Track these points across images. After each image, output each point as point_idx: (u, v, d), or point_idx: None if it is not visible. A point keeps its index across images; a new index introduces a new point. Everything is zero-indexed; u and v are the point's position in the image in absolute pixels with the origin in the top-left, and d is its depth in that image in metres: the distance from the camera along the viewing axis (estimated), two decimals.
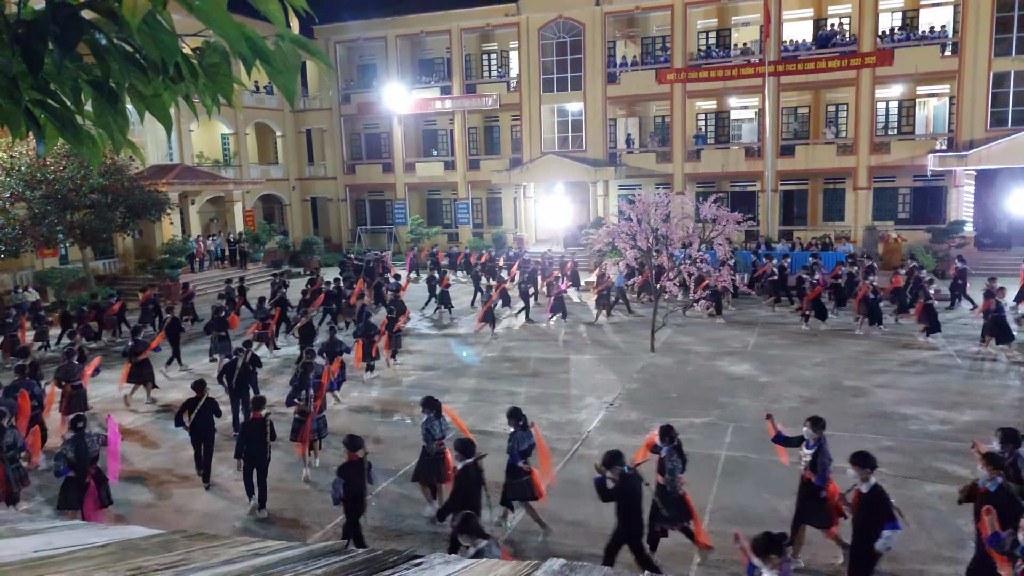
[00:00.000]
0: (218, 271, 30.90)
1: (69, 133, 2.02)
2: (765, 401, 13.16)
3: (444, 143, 38.40)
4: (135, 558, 2.45)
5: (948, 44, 28.38)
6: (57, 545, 2.53)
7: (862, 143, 29.44)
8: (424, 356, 17.40)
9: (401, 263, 32.55)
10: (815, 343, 17.39)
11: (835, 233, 29.93)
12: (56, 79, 1.92)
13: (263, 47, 1.91)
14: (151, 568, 2.29)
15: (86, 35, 1.76)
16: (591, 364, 16.27)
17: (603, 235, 17.65)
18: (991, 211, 28.57)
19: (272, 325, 17.97)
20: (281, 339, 18.77)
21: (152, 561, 2.41)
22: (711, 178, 32.36)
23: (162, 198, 26.61)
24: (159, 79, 1.93)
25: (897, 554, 7.53)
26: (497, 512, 8.77)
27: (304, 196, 39.33)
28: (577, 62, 33.01)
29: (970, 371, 14.77)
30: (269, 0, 1.79)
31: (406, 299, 20.22)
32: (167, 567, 2.33)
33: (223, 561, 2.51)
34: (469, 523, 5.88)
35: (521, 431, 8.74)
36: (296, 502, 9.78)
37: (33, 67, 1.71)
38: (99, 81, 1.95)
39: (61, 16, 1.70)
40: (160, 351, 15.89)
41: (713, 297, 19.94)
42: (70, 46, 1.69)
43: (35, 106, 1.99)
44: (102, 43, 1.81)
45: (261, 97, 36.25)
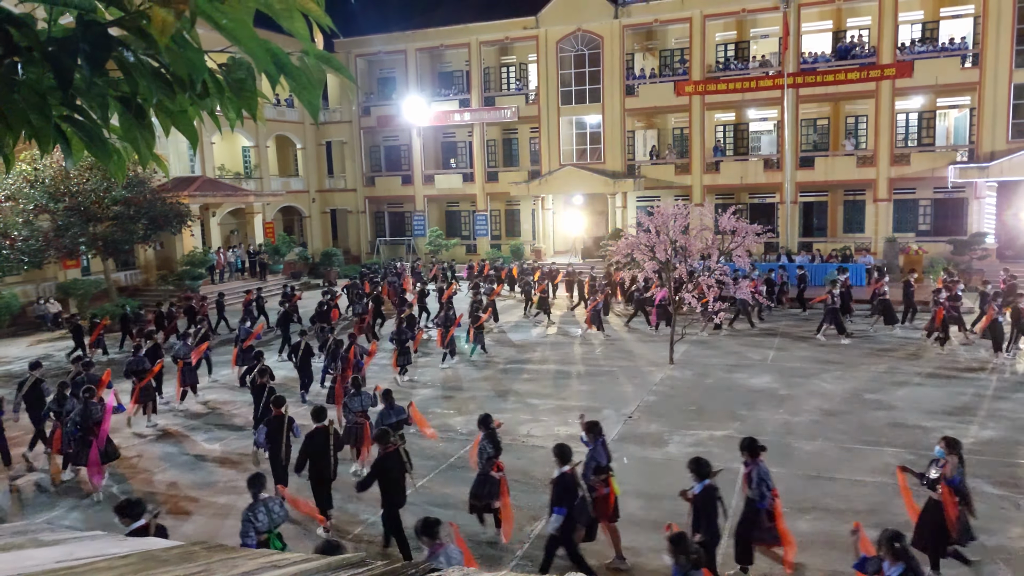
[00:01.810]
0: (238, 282, 31.20)
1: (96, 147, 2.06)
2: (785, 414, 13.01)
3: (463, 155, 38.62)
4: (155, 569, 2.46)
5: (968, 55, 28.12)
6: (78, 556, 2.55)
7: (882, 155, 29.19)
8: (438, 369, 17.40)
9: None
10: (837, 356, 17.19)
11: (855, 245, 29.64)
12: (85, 95, 1.95)
13: (288, 63, 1.94)
14: None
15: (115, 52, 1.80)
16: (610, 376, 16.19)
17: (622, 246, 17.61)
18: (1013, 223, 28.14)
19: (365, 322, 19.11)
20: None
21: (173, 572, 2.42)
22: (730, 190, 32.22)
23: (183, 210, 26.94)
24: (185, 95, 1.96)
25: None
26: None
27: (324, 208, 39.69)
28: (595, 74, 33.10)
29: (997, 384, 14.51)
30: (295, 18, 1.81)
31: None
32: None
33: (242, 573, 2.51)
34: (429, 527, 6.10)
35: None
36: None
37: (63, 83, 1.74)
38: (126, 97, 1.99)
39: (91, 34, 1.73)
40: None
41: (743, 309, 19.65)
42: (99, 63, 1.72)
43: (63, 121, 2.03)
44: (130, 60, 1.85)
45: (282, 110, 36.73)
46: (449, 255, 35.48)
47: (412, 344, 16.74)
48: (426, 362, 17.92)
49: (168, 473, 11.48)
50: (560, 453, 7.65)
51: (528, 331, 21.37)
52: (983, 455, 10.69)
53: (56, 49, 1.76)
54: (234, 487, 10.50)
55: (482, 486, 8.73)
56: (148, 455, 12.40)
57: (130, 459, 12.12)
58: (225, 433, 13.37)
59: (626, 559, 8.09)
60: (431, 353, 18.59)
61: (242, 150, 37.09)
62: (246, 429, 13.10)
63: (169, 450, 12.62)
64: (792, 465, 10.60)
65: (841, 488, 9.90)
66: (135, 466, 11.88)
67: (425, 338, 19.78)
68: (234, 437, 13.06)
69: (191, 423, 14.09)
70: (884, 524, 8.60)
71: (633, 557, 8.22)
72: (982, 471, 10.17)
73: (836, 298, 18.71)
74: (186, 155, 32.90)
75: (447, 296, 20.12)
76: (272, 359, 17.46)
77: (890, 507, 9.06)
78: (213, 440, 12.97)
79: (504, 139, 38.03)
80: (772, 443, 11.52)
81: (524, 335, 20.83)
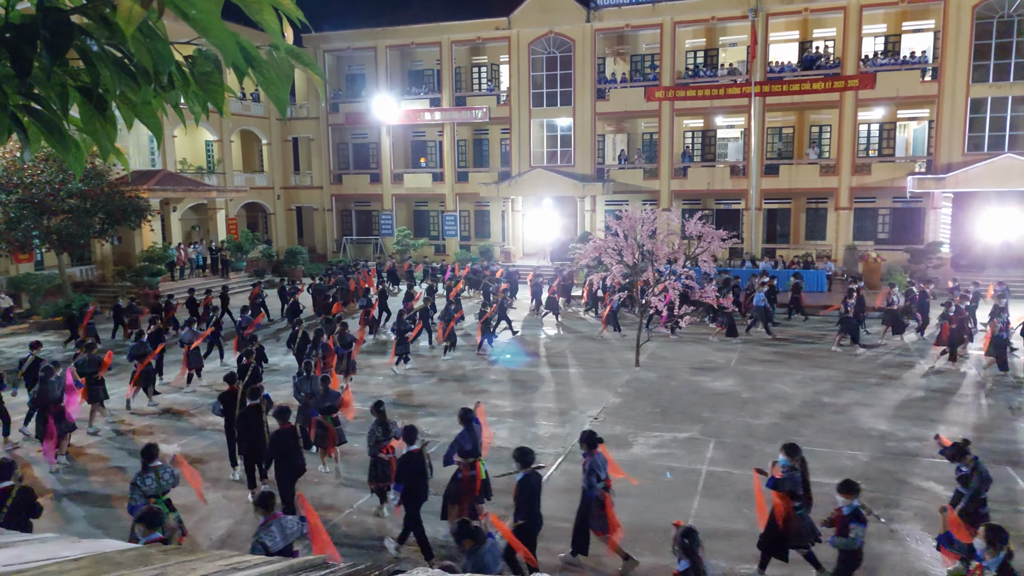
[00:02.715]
0: (199, 279, 30.61)
1: (55, 138, 2.00)
2: (747, 416, 13.22)
3: (432, 155, 38.46)
4: (110, 572, 2.40)
5: (928, 69, 28.95)
6: (29, 559, 2.47)
7: (844, 164, 29.87)
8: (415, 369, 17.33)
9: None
10: (797, 360, 17.52)
11: (816, 252, 30.26)
12: (44, 84, 1.89)
13: (257, 57, 1.90)
14: None
15: (76, 41, 1.74)
16: (576, 378, 16.27)
17: (590, 250, 17.72)
18: (967, 233, 29.03)
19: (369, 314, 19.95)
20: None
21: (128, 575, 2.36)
22: (697, 195, 32.64)
23: (143, 204, 26.33)
24: (149, 86, 1.91)
25: (872, 567, 7.57)
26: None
27: (289, 205, 39.14)
28: (567, 77, 33.26)
29: (948, 389, 14.94)
30: (265, 10, 1.78)
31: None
32: None
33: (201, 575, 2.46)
34: (263, 499, 6.54)
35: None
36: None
37: (21, 72, 1.68)
38: (88, 87, 1.93)
39: (51, 21, 1.68)
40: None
41: (727, 319, 19.56)
42: (60, 52, 1.67)
43: (20, 110, 1.96)
44: (93, 49, 1.79)
45: (247, 104, 36.14)
46: (418, 254, 35.31)
47: (409, 335, 17.16)
48: (381, 362, 17.77)
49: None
50: (407, 435, 8.46)
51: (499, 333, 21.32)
52: (935, 457, 10.98)
53: (14, 36, 1.70)
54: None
55: (375, 468, 9.34)
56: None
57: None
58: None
59: (630, 555, 8.05)
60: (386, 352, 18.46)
61: (205, 144, 36.39)
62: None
63: (182, 425, 13.60)
64: (751, 467, 10.75)
65: None
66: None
67: (383, 339, 20.18)
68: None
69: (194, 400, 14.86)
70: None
71: (595, 549, 8.27)
72: (933, 473, 10.47)
73: (850, 308, 18.20)
74: (146, 148, 32.20)
75: (455, 293, 22.14)
76: (280, 351, 18.48)
77: None
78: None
79: (475, 139, 37.97)
80: (733, 445, 11.74)
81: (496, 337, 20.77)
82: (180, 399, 15.26)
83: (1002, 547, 5.54)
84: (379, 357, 18.35)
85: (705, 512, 9.41)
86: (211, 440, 12.57)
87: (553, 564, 8.19)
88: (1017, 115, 27.74)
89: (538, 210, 34.36)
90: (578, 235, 31.86)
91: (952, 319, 16.31)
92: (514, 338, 20.50)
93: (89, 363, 12.84)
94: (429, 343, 19.35)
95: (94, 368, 12.87)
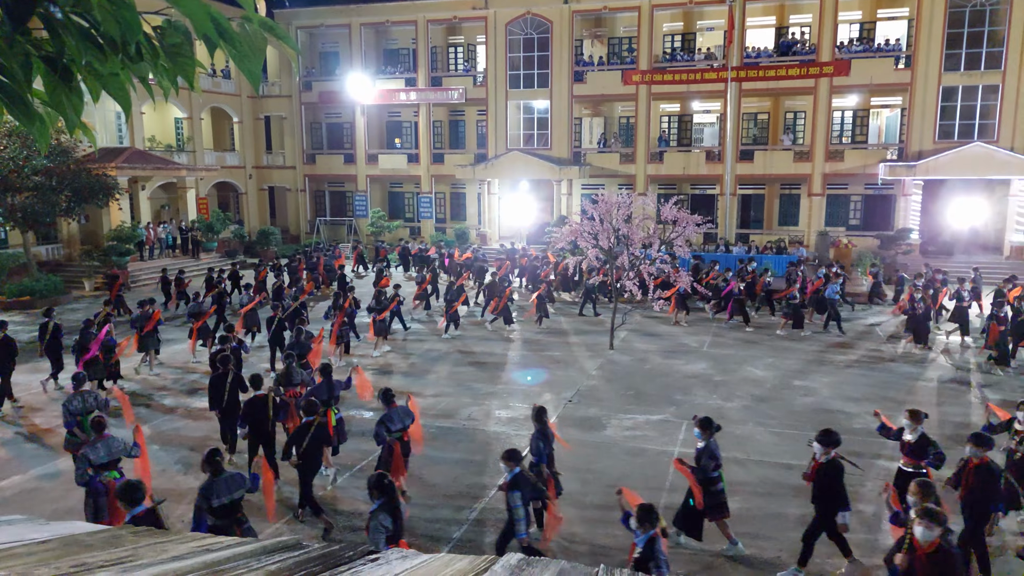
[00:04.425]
0: (169, 260, 30.10)
1: (19, 111, 1.93)
2: (719, 399, 13.41)
3: (408, 135, 38.08)
4: (79, 554, 2.36)
5: (902, 57, 29.28)
6: None
7: (818, 150, 30.19)
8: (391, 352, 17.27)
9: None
10: (768, 344, 17.78)
11: (789, 237, 30.64)
12: (5, 54, 1.82)
13: (229, 29, 1.85)
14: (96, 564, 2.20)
15: (40, 8, 1.68)
16: (551, 361, 16.35)
17: (566, 234, 17.74)
18: (936, 220, 29.60)
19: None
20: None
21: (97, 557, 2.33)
22: (673, 180, 32.79)
23: (110, 182, 25.77)
24: (116, 57, 1.85)
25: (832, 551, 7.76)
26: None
27: (261, 185, 38.56)
28: (544, 59, 33.07)
29: (914, 372, 15.29)
30: None
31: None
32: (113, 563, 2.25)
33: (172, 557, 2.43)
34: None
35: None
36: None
37: None
38: (52, 57, 1.86)
39: None
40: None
41: (737, 306, 19.32)
42: (22, 19, 1.61)
43: None
44: (57, 16, 1.73)
45: (218, 81, 35.40)
46: (393, 236, 35.06)
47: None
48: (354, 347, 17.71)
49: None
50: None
51: (474, 316, 21.32)
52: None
53: None
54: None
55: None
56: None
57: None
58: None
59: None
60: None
61: (175, 121, 35.62)
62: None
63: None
64: (723, 448, 10.92)
65: (769, 471, 10.28)
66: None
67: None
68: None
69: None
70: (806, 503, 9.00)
71: (567, 527, 8.37)
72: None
73: (917, 303, 17.26)
74: (113, 125, 31.42)
75: (462, 280, 21.93)
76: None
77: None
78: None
79: (451, 121, 37.67)
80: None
81: (469, 321, 20.77)
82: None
83: (931, 500, 5.93)
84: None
85: (677, 493, 9.55)
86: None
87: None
88: (987, 104, 28.21)
89: (515, 193, 34.28)
90: (554, 219, 31.87)
91: (916, 305, 16.93)
92: (486, 322, 20.52)
93: (140, 319, 15.28)
94: (404, 327, 19.28)
95: (144, 323, 15.19)
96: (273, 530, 8.46)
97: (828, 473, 7.37)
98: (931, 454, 7.96)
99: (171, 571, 2.23)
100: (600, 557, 7.98)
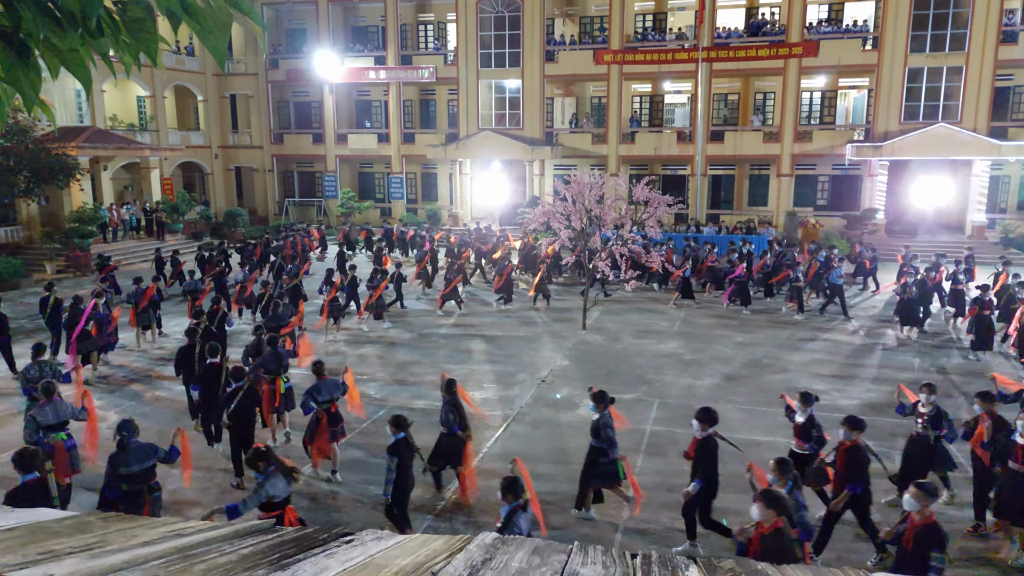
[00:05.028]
0: (133, 242, 29.48)
1: None
2: (689, 378, 13.61)
3: (378, 115, 37.58)
4: (46, 541, 2.32)
5: (869, 38, 29.61)
6: None
7: (787, 131, 30.50)
8: (357, 331, 17.18)
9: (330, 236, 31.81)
10: (737, 323, 18.05)
11: (759, 217, 31.00)
12: None
13: (193, 4, 1.80)
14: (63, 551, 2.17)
15: None
16: (525, 341, 16.41)
17: (538, 214, 17.72)
18: (901, 200, 30.17)
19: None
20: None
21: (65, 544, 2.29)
22: (644, 161, 32.89)
23: (71, 163, 25.08)
24: (76, 33, 1.79)
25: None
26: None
27: (227, 165, 37.81)
28: (516, 38, 32.78)
29: (879, 350, 15.66)
30: None
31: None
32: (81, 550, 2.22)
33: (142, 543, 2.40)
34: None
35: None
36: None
37: None
38: (7, 32, 1.79)
39: None
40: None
41: (740, 290, 19.11)
42: None
43: None
44: None
45: (181, 59, 34.47)
46: (362, 218, 34.72)
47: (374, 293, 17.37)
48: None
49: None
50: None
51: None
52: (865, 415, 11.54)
53: None
54: None
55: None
56: None
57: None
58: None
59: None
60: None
61: (137, 100, 34.70)
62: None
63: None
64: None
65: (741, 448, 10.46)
66: None
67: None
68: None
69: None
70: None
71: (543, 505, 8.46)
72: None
73: (909, 288, 16.40)
74: (73, 103, 30.51)
75: (466, 256, 22.74)
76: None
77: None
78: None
79: (421, 100, 37.25)
80: (676, 405, 12.07)
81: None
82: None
83: (788, 477, 6.32)
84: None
85: (648, 469, 9.71)
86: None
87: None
88: (951, 85, 28.70)
89: (487, 173, 34.11)
90: (527, 199, 31.82)
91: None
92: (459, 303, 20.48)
93: (135, 295, 15.81)
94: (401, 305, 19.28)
95: (139, 299, 15.71)
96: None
97: (703, 449, 7.62)
98: (814, 436, 8.24)
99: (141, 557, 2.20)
100: (575, 535, 8.09)
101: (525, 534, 5.82)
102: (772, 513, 5.47)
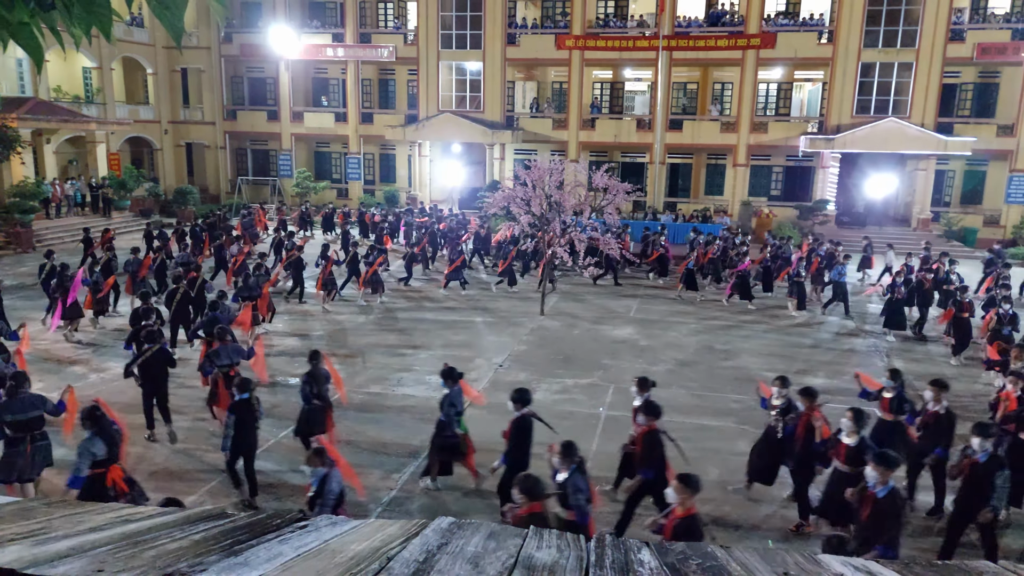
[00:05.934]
0: (78, 218, 28.46)
1: None
2: (644, 363, 13.81)
3: (335, 93, 36.85)
4: None
5: (824, 32, 30.19)
6: None
7: (743, 122, 30.97)
8: (310, 319, 16.94)
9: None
10: (692, 310, 18.37)
11: (714, 206, 31.51)
12: None
13: None
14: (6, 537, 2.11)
15: None
16: (483, 326, 16.42)
17: (498, 199, 17.69)
18: (851, 192, 31.00)
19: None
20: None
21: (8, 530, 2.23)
22: (604, 147, 33.04)
23: (11, 134, 24.07)
24: (26, 5, 1.71)
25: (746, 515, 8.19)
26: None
27: (178, 141, 36.67)
28: (477, 20, 32.46)
29: (833, 338, 16.13)
30: None
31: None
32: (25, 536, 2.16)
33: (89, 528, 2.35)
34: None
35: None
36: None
37: None
38: None
39: None
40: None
41: (741, 284, 18.66)
42: None
43: None
44: None
45: (130, 30, 33.16)
46: (318, 199, 34.13)
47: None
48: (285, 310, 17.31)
49: None
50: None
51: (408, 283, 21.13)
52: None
53: None
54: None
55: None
56: None
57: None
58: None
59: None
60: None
61: (82, 71, 33.32)
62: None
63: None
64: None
65: (690, 432, 10.70)
66: None
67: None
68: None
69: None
70: (726, 463, 9.45)
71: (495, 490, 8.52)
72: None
73: (898, 288, 15.97)
74: (14, 73, 29.19)
75: (466, 238, 23.26)
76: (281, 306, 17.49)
77: (733, 448, 9.94)
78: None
79: (380, 79, 36.66)
80: (631, 390, 12.23)
81: (403, 286, 20.58)
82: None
83: (573, 461, 6.49)
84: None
85: (603, 452, 9.86)
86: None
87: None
88: (902, 80, 29.49)
89: (447, 156, 33.83)
90: (487, 183, 31.70)
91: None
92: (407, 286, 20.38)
93: (132, 264, 16.36)
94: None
95: (136, 268, 16.30)
96: (196, 499, 8.29)
97: (518, 429, 7.92)
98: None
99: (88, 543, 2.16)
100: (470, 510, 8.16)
101: (331, 498, 6.36)
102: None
